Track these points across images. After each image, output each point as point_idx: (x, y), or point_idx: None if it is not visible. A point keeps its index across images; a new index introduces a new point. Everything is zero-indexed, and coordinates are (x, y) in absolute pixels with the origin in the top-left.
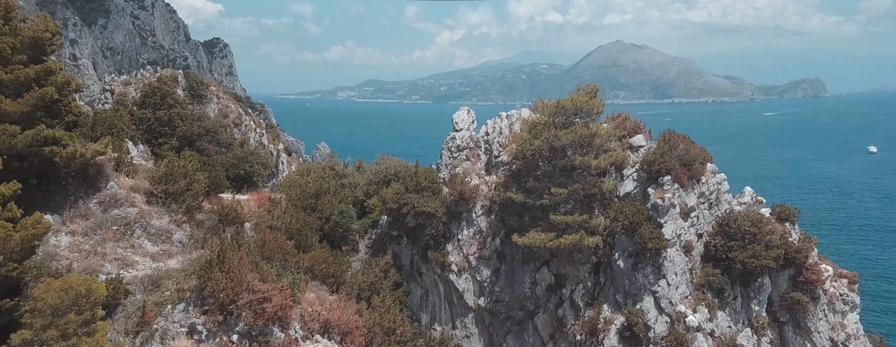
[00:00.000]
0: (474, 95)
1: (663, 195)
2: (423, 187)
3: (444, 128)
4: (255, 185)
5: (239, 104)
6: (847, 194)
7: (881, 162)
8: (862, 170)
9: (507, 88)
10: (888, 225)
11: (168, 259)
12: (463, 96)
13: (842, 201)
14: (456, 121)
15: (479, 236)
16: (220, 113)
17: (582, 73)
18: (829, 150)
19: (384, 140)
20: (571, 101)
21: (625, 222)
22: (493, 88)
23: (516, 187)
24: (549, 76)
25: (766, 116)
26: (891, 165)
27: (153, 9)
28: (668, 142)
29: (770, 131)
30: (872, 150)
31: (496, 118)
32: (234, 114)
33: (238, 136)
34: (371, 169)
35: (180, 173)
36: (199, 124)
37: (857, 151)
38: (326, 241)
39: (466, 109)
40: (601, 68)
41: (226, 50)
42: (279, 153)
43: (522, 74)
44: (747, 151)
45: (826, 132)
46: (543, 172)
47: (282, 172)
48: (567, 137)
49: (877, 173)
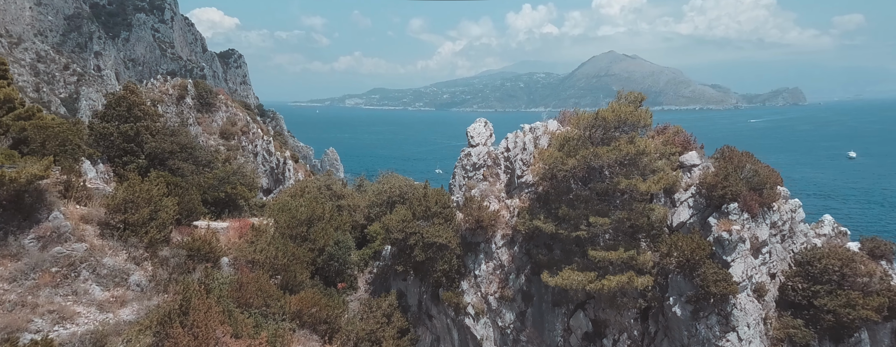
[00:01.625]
0: (475, 103)
1: (730, 227)
2: (433, 213)
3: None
4: (239, 209)
5: (247, 112)
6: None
7: (861, 167)
8: (844, 174)
9: (507, 96)
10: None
11: (120, 308)
12: (464, 103)
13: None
14: (471, 135)
15: (499, 271)
16: (229, 121)
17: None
18: (811, 155)
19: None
20: (613, 112)
21: (681, 259)
22: (492, 96)
23: (545, 213)
24: (545, 84)
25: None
26: (870, 170)
27: (172, 22)
28: (729, 160)
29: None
30: (852, 155)
31: (518, 132)
32: (241, 122)
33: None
34: (373, 189)
35: (143, 199)
36: (173, 140)
37: (838, 156)
38: (319, 277)
39: (483, 120)
40: (595, 77)
41: (240, 60)
42: (285, 161)
43: (520, 83)
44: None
45: (808, 139)
46: (577, 196)
47: (288, 179)
48: (610, 155)
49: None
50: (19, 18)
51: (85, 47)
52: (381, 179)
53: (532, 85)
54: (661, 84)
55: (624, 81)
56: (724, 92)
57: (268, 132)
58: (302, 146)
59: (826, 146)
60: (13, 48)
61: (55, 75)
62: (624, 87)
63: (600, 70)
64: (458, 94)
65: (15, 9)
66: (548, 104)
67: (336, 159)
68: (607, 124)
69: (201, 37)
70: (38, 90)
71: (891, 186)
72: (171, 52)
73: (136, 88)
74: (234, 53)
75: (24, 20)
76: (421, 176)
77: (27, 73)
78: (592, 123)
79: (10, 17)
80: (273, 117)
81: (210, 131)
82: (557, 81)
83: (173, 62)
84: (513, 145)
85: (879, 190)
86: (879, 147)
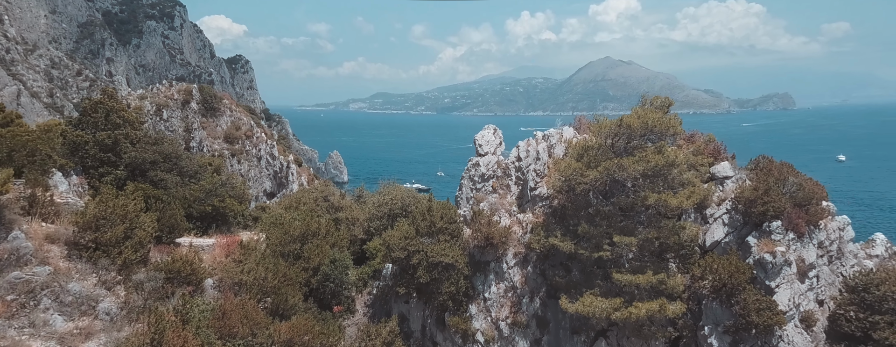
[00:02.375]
0: (475, 107)
1: (773, 249)
2: (438, 230)
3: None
4: (228, 223)
5: (252, 117)
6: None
7: (851, 170)
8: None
9: (506, 100)
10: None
11: (84, 342)
12: (465, 107)
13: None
14: (479, 143)
15: (512, 294)
16: (233, 125)
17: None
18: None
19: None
20: (639, 118)
21: (716, 283)
22: (492, 100)
23: (562, 230)
24: (544, 89)
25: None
26: (860, 172)
27: (181, 29)
28: (768, 173)
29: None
30: (842, 159)
31: (530, 140)
32: (246, 126)
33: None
34: (373, 200)
35: (118, 216)
36: (155, 149)
37: (828, 159)
38: (314, 299)
39: (492, 127)
40: (592, 82)
41: (247, 66)
42: (289, 164)
43: (519, 87)
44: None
45: (799, 142)
46: (598, 211)
47: (291, 182)
48: (636, 167)
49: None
50: (34, 26)
51: (97, 54)
52: (382, 189)
53: (531, 89)
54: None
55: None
56: (716, 97)
57: (272, 136)
58: (307, 149)
59: (816, 150)
60: (28, 55)
61: (68, 81)
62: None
63: (597, 75)
64: (459, 98)
65: (31, 17)
66: (546, 108)
67: (340, 162)
68: (632, 132)
69: (209, 43)
70: (52, 96)
71: (879, 189)
72: (180, 58)
73: (115, 93)
74: (241, 59)
75: (39, 28)
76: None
77: (41, 79)
78: (615, 130)
79: (25, 25)
80: (278, 121)
81: (215, 136)
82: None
83: (182, 68)
84: (525, 154)
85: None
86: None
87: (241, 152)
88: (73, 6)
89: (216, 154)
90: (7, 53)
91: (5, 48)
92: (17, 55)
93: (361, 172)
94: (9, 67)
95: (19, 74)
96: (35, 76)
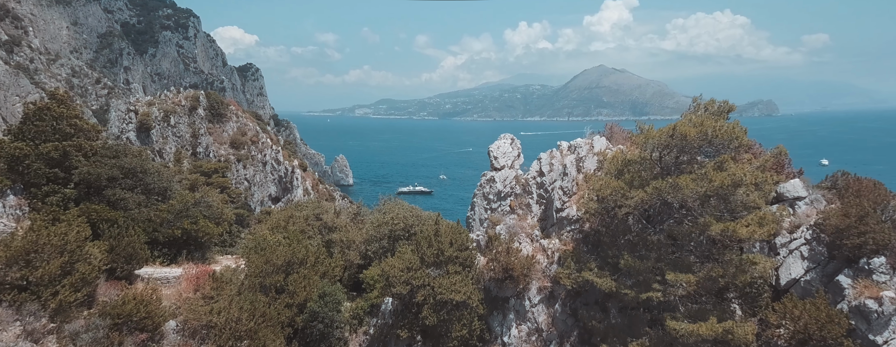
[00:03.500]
0: (475, 112)
1: (878, 293)
2: (447, 259)
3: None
4: (203, 248)
5: (258, 123)
6: None
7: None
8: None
9: (505, 106)
10: None
11: None
12: (465, 113)
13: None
14: (495, 155)
15: (536, 338)
16: (239, 131)
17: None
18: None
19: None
20: (697, 126)
21: (800, 335)
22: (491, 106)
23: (597, 262)
24: (541, 96)
25: None
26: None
27: (195, 39)
28: (858, 194)
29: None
30: (825, 163)
31: (553, 151)
32: (251, 132)
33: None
34: (372, 219)
35: (54, 247)
36: (115, 163)
37: (812, 164)
38: (299, 342)
39: (509, 137)
40: (587, 89)
41: (257, 74)
42: (293, 169)
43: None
44: None
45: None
46: (642, 239)
47: (296, 187)
48: (695, 188)
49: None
50: (57, 37)
51: (115, 63)
52: (381, 205)
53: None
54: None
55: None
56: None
57: (277, 142)
58: (314, 153)
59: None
60: (50, 64)
61: (88, 89)
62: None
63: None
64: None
65: (54, 28)
66: (543, 114)
67: (346, 166)
68: (686, 144)
69: (222, 52)
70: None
71: None
72: (193, 66)
73: (66, 97)
74: (252, 67)
75: (61, 39)
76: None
77: (63, 86)
78: (666, 141)
79: (48, 36)
80: (287, 126)
81: (221, 141)
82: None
83: (195, 76)
84: (548, 169)
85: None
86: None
87: (246, 157)
88: (94, 18)
89: (222, 159)
90: (31, 62)
91: (29, 58)
92: (40, 65)
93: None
94: (32, 76)
95: (42, 83)
96: (56, 84)
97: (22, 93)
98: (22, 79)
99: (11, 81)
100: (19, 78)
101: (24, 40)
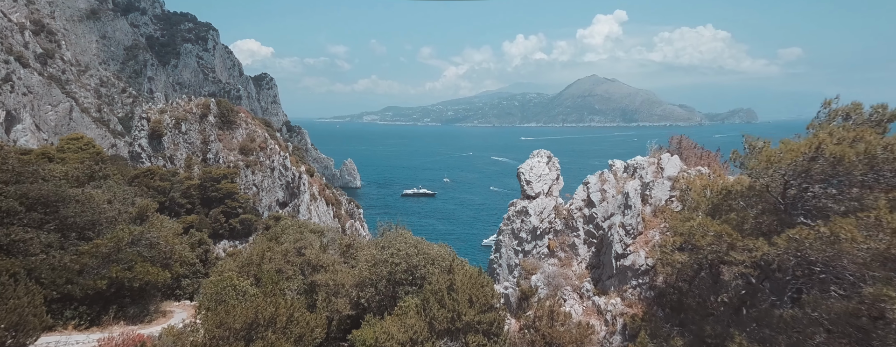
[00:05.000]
0: (476, 118)
1: None
2: (465, 326)
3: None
4: (142, 300)
5: (267, 129)
6: None
7: None
8: None
9: (503, 113)
10: None
11: None
12: (466, 119)
13: None
14: (527, 178)
15: None
16: (248, 137)
17: (564, 100)
18: None
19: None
20: (853, 143)
21: None
22: (491, 113)
23: (686, 339)
24: (537, 103)
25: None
26: None
27: (214, 51)
28: None
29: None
30: None
31: (604, 173)
32: (260, 138)
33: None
34: (367, 254)
35: None
36: (17, 190)
37: None
38: None
39: (545, 153)
40: (580, 97)
41: (271, 83)
42: (300, 175)
43: (515, 102)
44: None
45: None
46: (766, 315)
47: (303, 192)
48: (868, 243)
49: None
50: (87, 50)
51: (140, 73)
52: (380, 236)
53: (525, 103)
54: (637, 104)
55: (605, 101)
56: (690, 111)
57: (286, 148)
58: (324, 157)
59: None
60: (81, 75)
61: (114, 97)
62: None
63: (584, 91)
64: (461, 111)
65: (84, 42)
66: (539, 120)
67: (354, 169)
68: (838, 170)
69: (238, 62)
70: (100, 111)
71: None
72: (212, 76)
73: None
74: (266, 77)
75: (91, 51)
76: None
77: (91, 96)
78: (804, 166)
79: (79, 50)
80: (299, 132)
81: (230, 147)
82: (547, 100)
83: (214, 85)
84: (599, 197)
85: None
86: None
87: (255, 163)
88: (121, 32)
89: (231, 165)
90: (63, 73)
91: (61, 69)
92: (71, 75)
93: (373, 178)
94: (64, 86)
95: (72, 93)
96: (86, 94)
97: (53, 102)
98: (54, 88)
99: (44, 91)
100: (51, 88)
101: (57, 53)
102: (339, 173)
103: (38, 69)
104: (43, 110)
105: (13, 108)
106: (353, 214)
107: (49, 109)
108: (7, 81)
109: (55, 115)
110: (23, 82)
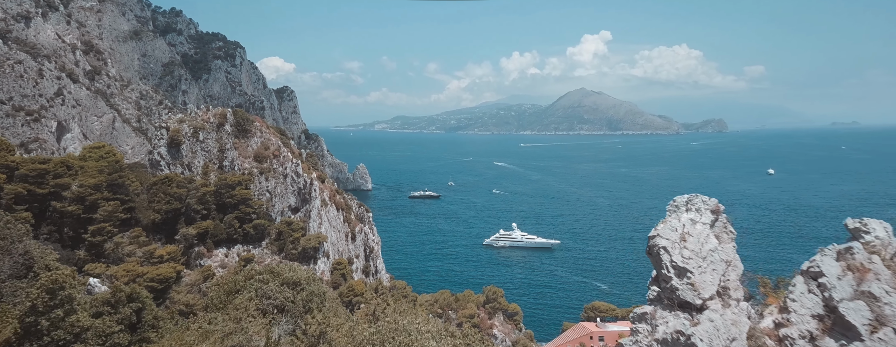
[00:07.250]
0: (476, 127)
1: None
2: None
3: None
4: None
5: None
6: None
7: (779, 181)
8: (767, 187)
9: (501, 122)
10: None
11: None
12: (467, 127)
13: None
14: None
15: None
16: (263, 145)
17: (556, 111)
18: (739, 171)
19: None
20: None
21: None
22: (490, 122)
23: None
24: (531, 113)
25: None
26: (787, 183)
27: (241, 66)
28: None
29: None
30: (771, 172)
31: (854, 250)
32: (274, 146)
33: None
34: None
35: None
36: None
37: (760, 173)
38: None
39: (706, 204)
40: (570, 108)
41: (292, 95)
42: (312, 181)
43: (512, 112)
44: (684, 171)
45: (736, 158)
46: None
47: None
48: None
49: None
50: (130, 67)
51: (175, 87)
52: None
53: (521, 113)
54: (621, 114)
55: (592, 111)
56: (668, 121)
57: (299, 155)
58: (338, 162)
59: (749, 165)
60: (123, 89)
61: (152, 109)
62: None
63: (574, 102)
64: (463, 120)
65: (127, 59)
66: (533, 129)
67: (365, 173)
68: None
69: (263, 77)
70: (140, 121)
71: (803, 197)
72: (239, 89)
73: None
74: (287, 89)
75: (133, 68)
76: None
77: (132, 107)
78: None
79: (123, 66)
80: (316, 139)
81: (245, 155)
82: (541, 111)
83: (240, 97)
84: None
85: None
86: (791, 166)
87: (268, 170)
88: (160, 50)
89: (246, 172)
90: (108, 88)
91: (107, 84)
92: (115, 90)
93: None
94: (108, 99)
95: (116, 105)
96: (127, 106)
97: (99, 113)
98: (99, 101)
99: (91, 104)
100: (97, 101)
101: (104, 70)
102: (353, 177)
103: (86, 84)
104: (89, 121)
105: (64, 119)
106: (362, 218)
107: (95, 119)
108: (59, 95)
109: (100, 125)
110: (72, 96)
